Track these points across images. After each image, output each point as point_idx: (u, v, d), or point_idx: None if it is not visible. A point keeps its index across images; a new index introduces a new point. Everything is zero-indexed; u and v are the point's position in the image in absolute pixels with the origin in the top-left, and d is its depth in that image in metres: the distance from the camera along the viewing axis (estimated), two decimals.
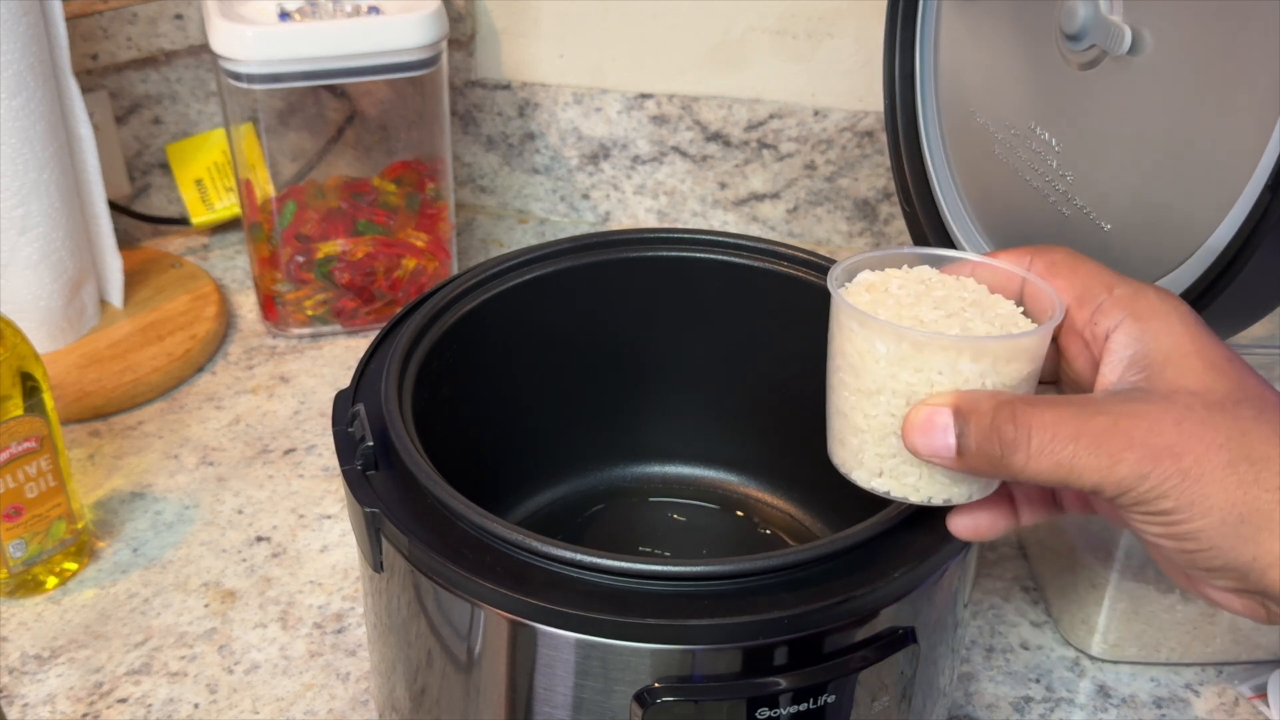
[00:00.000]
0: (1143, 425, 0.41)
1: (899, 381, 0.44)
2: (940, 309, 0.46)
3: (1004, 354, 0.44)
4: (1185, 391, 0.42)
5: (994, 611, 0.72)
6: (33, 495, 0.69)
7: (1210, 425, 0.41)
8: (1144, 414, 0.42)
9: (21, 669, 0.67)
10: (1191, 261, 0.50)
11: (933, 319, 0.45)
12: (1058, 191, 0.58)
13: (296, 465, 0.81)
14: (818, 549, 0.46)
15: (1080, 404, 0.43)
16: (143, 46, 0.96)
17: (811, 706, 0.46)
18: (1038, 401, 0.43)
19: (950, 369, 0.44)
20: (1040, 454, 0.42)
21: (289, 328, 0.94)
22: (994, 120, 0.62)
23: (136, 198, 1.04)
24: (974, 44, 0.64)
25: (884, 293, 0.47)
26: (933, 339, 0.44)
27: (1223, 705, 0.66)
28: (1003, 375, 0.44)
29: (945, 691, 0.55)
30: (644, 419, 0.70)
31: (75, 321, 0.89)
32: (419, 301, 0.60)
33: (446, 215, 0.96)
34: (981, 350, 0.44)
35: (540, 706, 0.48)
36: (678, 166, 1.06)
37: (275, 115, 0.91)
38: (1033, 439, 0.42)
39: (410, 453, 0.50)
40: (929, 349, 0.44)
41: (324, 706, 0.65)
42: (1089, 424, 0.42)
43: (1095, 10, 0.53)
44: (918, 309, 0.46)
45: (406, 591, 0.50)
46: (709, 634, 0.44)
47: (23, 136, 0.80)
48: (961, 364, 0.44)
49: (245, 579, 0.73)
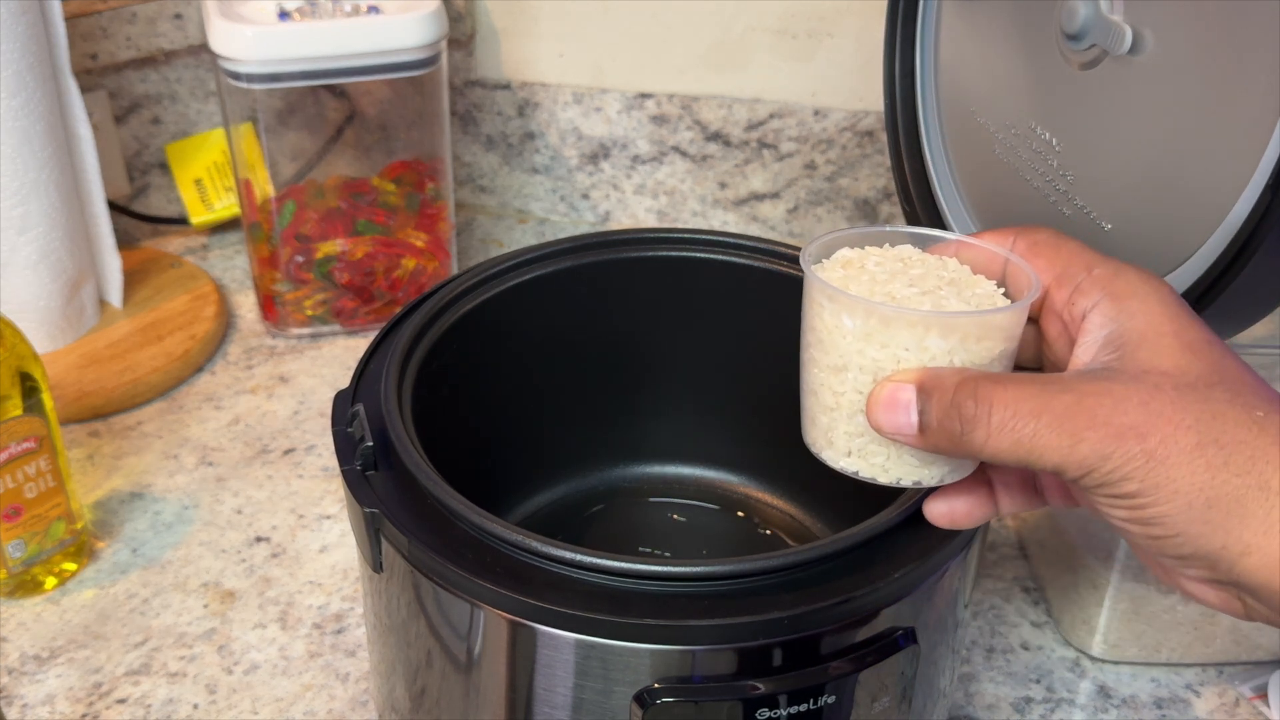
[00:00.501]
0: (1107, 404, 0.40)
1: (866, 358, 0.44)
2: (915, 286, 0.45)
3: (974, 331, 0.43)
4: (1157, 372, 0.41)
5: (994, 612, 0.72)
6: (32, 495, 0.69)
7: (1179, 406, 0.40)
8: (1110, 392, 0.41)
9: (21, 669, 0.67)
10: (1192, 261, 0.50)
11: (905, 295, 0.44)
12: (1058, 191, 0.58)
13: (296, 465, 0.81)
14: (818, 549, 0.46)
15: (1045, 382, 0.42)
16: (142, 46, 0.96)
17: (811, 707, 0.46)
18: (1002, 378, 0.42)
19: (917, 345, 0.43)
20: (1000, 431, 0.41)
21: (288, 328, 0.94)
22: (994, 120, 0.62)
23: (136, 197, 1.04)
24: (974, 43, 0.64)
25: (859, 269, 0.46)
26: (900, 314, 0.43)
27: (1223, 706, 0.66)
28: (973, 353, 0.43)
29: (945, 692, 0.55)
30: (644, 419, 0.70)
31: (74, 321, 0.89)
32: (419, 301, 0.60)
33: (446, 215, 0.96)
34: (950, 326, 0.43)
35: (540, 707, 0.48)
36: (678, 166, 1.06)
37: (275, 115, 0.91)
38: (993, 415, 0.41)
39: (410, 453, 0.50)
40: (896, 324, 0.43)
41: (323, 707, 0.65)
42: (1052, 402, 0.41)
43: (1096, 10, 0.53)
44: (891, 286, 0.45)
45: (406, 592, 0.50)
46: (709, 634, 0.44)
47: (22, 136, 0.80)
48: (929, 340, 0.43)
49: (245, 579, 0.73)
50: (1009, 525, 0.77)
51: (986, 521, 0.48)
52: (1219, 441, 0.39)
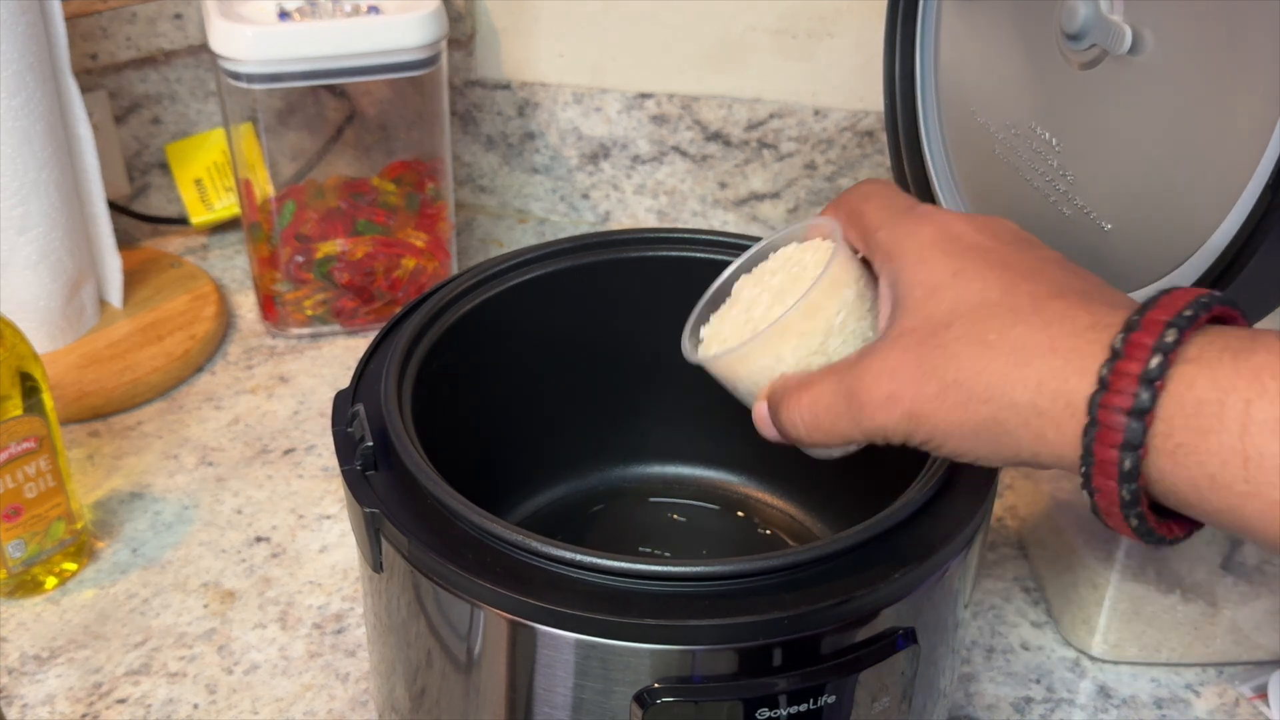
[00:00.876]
0: (867, 380, 0.43)
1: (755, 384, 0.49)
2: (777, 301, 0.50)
3: (798, 324, 0.47)
4: (908, 330, 0.43)
5: (994, 612, 0.72)
6: (32, 495, 0.69)
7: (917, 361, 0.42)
8: (869, 368, 0.44)
9: (21, 669, 0.67)
10: (1192, 261, 0.50)
11: (763, 316, 0.50)
12: (1058, 191, 0.58)
13: (296, 465, 0.81)
14: (818, 549, 0.46)
15: (835, 372, 0.45)
16: (142, 46, 0.96)
17: (811, 707, 0.46)
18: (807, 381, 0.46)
19: (775, 359, 0.48)
20: (814, 430, 0.45)
21: (288, 328, 0.94)
22: (994, 120, 0.62)
23: (136, 197, 1.04)
24: (974, 43, 0.64)
25: (736, 302, 0.52)
26: (729, 353, 0.49)
27: (1223, 706, 0.66)
28: (813, 337, 0.47)
29: (945, 692, 0.55)
30: (644, 419, 0.70)
31: (74, 321, 0.89)
32: (419, 301, 0.60)
33: (446, 215, 0.96)
34: (770, 341, 0.48)
35: (540, 707, 0.48)
36: (678, 166, 1.06)
37: (275, 115, 0.91)
38: (803, 418, 0.45)
39: (410, 453, 0.50)
40: (750, 357, 0.48)
41: (323, 707, 0.65)
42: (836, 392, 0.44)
43: (1096, 10, 0.53)
44: (754, 310, 0.50)
45: (406, 592, 0.50)
46: (709, 634, 0.44)
47: (22, 136, 0.80)
48: (782, 351, 0.48)
49: (245, 579, 0.73)
50: (1009, 525, 0.77)
51: None
52: (957, 382, 0.41)
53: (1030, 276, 0.43)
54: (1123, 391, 0.37)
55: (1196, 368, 0.37)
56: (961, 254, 0.44)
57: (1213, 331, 0.38)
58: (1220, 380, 0.36)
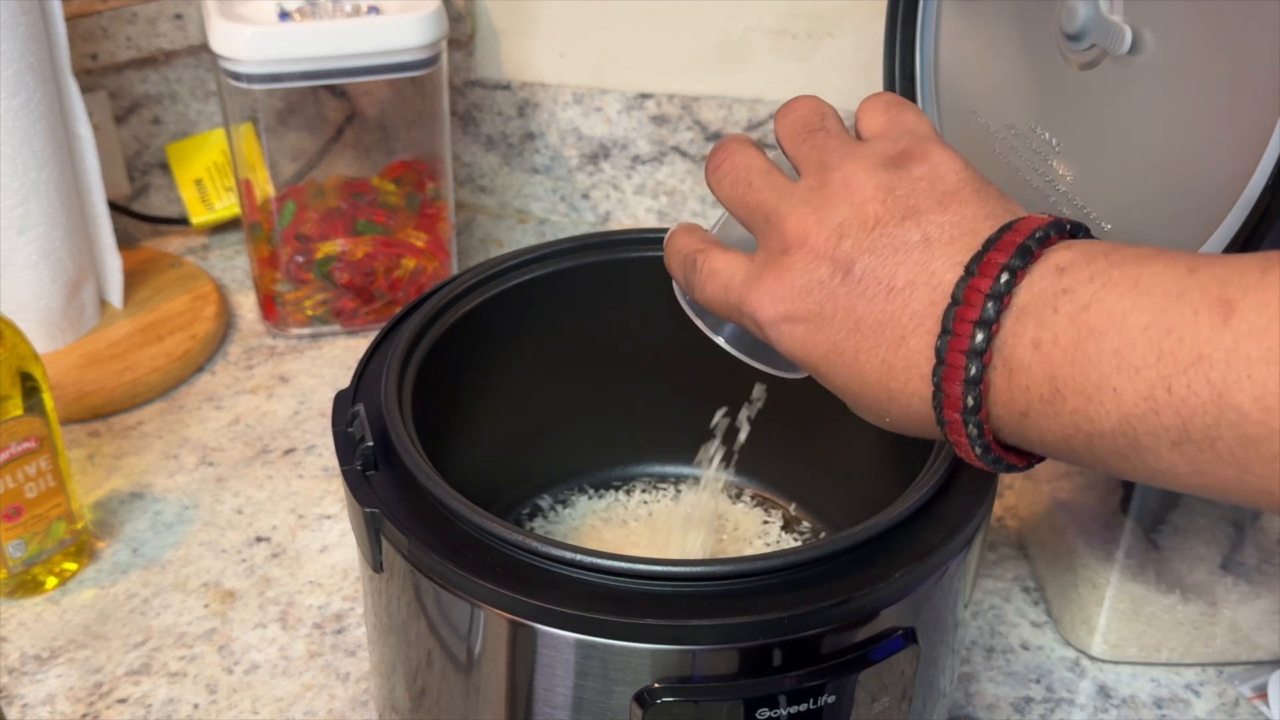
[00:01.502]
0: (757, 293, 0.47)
1: None
2: None
3: None
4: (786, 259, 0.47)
5: (994, 612, 0.72)
6: (32, 495, 0.69)
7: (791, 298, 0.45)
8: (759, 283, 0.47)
9: (21, 669, 0.67)
10: None
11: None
12: (1058, 191, 0.58)
13: (296, 465, 0.81)
14: (818, 549, 0.46)
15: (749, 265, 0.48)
16: (142, 46, 0.96)
17: (811, 707, 0.46)
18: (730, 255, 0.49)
19: None
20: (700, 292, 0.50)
21: (289, 328, 0.94)
22: (994, 120, 0.62)
23: (136, 197, 1.04)
24: (974, 44, 0.64)
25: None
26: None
27: (1223, 706, 0.66)
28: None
29: (945, 692, 0.55)
30: (644, 419, 0.70)
31: (75, 321, 0.89)
32: (419, 301, 0.60)
33: (446, 215, 0.96)
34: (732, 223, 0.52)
35: (540, 707, 0.48)
36: (678, 166, 1.06)
37: (275, 115, 0.91)
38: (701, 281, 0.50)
39: (410, 453, 0.50)
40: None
41: (324, 707, 0.65)
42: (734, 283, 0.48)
43: (1095, 10, 0.53)
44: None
45: (406, 592, 0.50)
46: (709, 634, 0.44)
47: (22, 136, 0.80)
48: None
49: (245, 579, 0.73)
50: (1009, 525, 0.77)
51: None
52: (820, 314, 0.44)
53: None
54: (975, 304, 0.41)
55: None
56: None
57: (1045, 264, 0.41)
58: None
